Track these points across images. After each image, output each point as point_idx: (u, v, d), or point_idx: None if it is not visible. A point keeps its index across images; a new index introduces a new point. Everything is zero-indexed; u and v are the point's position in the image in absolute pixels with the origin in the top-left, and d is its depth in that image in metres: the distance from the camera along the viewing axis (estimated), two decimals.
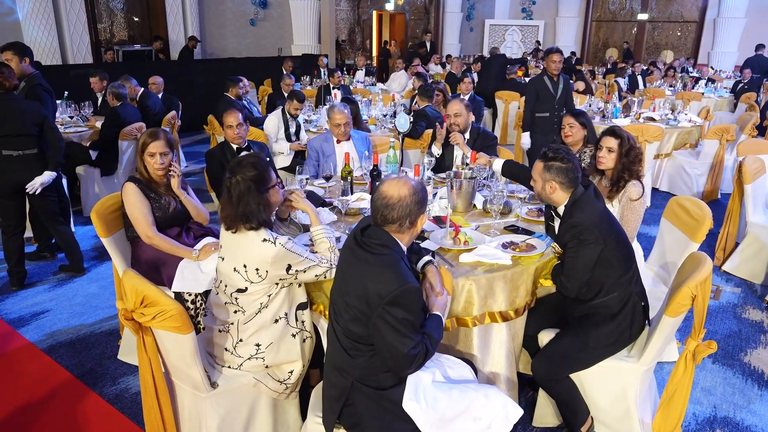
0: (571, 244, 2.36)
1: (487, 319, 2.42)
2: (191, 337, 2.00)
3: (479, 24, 18.96)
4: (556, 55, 5.40)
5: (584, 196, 2.40)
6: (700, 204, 3.00)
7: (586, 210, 2.35)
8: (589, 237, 2.30)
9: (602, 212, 2.38)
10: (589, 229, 2.30)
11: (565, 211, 2.45)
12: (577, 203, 2.39)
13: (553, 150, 2.44)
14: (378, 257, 1.82)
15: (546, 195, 2.48)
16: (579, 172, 2.43)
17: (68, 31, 9.36)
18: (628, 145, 2.95)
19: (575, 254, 2.34)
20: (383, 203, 1.85)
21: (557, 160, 2.39)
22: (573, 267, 2.36)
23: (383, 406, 1.85)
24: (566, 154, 2.41)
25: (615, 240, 2.35)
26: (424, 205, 1.91)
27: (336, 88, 7.55)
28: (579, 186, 2.42)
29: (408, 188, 1.86)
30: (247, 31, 12.87)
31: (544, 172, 2.43)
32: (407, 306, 1.76)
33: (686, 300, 2.16)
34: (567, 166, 2.39)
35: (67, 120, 5.84)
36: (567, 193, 2.43)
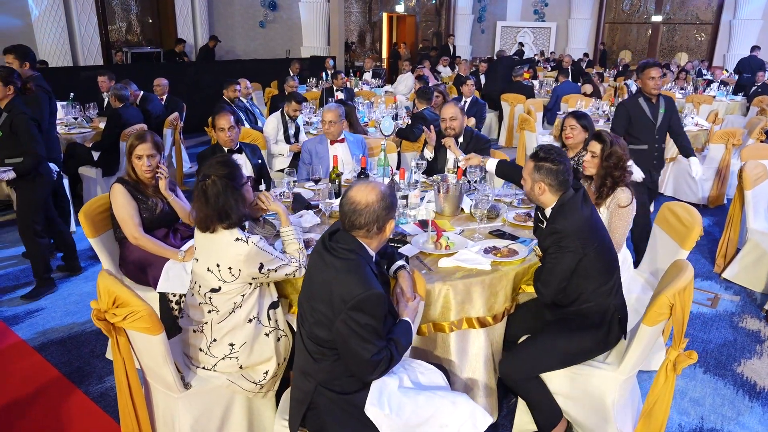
0: (551, 250, 2.32)
1: (464, 325, 2.41)
2: (161, 338, 2.01)
3: (491, 26, 18.89)
4: (653, 70, 4.10)
5: (571, 201, 2.33)
6: (691, 210, 2.95)
7: (570, 216, 2.29)
8: (569, 245, 2.25)
9: (587, 219, 2.33)
10: (569, 237, 2.25)
11: (551, 214, 2.40)
12: (563, 208, 2.33)
13: (545, 150, 2.38)
14: (344, 262, 1.81)
15: (535, 196, 2.42)
16: (570, 175, 2.37)
17: (79, 33, 9.49)
18: (609, 150, 2.91)
19: (554, 261, 2.30)
20: (351, 209, 1.85)
21: (548, 160, 2.33)
22: (550, 273, 2.32)
23: (346, 410, 1.85)
24: (558, 156, 2.34)
25: (596, 250, 2.29)
26: (393, 210, 1.90)
27: (339, 91, 7.58)
28: (569, 189, 2.37)
29: (376, 194, 1.85)
30: (256, 33, 12.95)
31: (534, 172, 2.37)
32: (370, 311, 1.75)
33: (663, 309, 2.12)
34: (557, 167, 2.32)
35: (71, 121, 5.92)
36: (555, 196, 2.37)
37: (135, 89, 6.13)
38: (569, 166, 2.38)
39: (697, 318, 3.75)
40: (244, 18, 12.79)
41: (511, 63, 9.25)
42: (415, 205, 3.21)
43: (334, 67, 10.44)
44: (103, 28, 10.01)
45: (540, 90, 9.71)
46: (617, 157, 2.88)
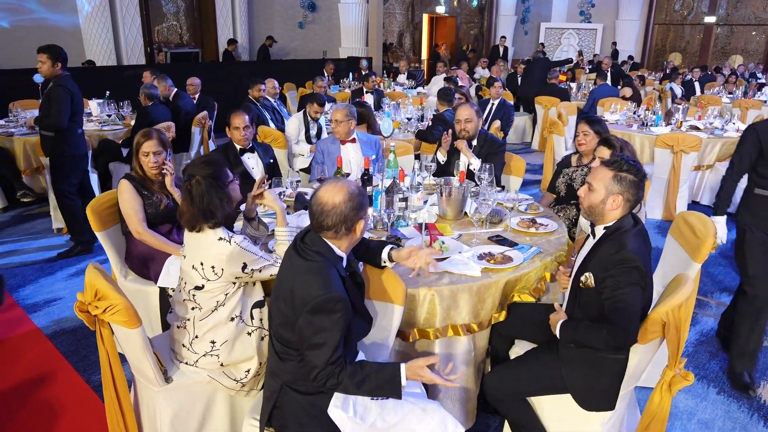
0: (618, 281, 1.96)
1: (449, 332, 2.35)
2: (139, 332, 2.05)
3: (534, 27, 18.54)
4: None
5: (636, 228, 2.07)
6: (705, 220, 2.79)
7: (644, 243, 2.04)
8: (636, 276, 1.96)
9: (649, 255, 2.08)
10: (639, 267, 1.96)
11: (606, 233, 2.11)
12: (624, 234, 2.04)
13: (627, 158, 2.09)
14: (308, 263, 1.80)
15: (601, 209, 2.11)
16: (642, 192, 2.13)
17: (123, 34, 9.86)
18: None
19: (625, 295, 1.94)
20: (318, 210, 1.83)
21: (632, 172, 2.04)
22: (625, 313, 1.94)
23: (309, 412, 1.83)
24: (640, 167, 2.09)
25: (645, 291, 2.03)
26: (362, 210, 1.86)
27: (369, 92, 7.58)
28: (628, 216, 2.12)
29: (343, 194, 1.83)
30: (295, 33, 13.13)
31: (613, 183, 2.06)
32: (329, 316, 1.72)
33: (655, 327, 2.01)
34: (642, 182, 2.07)
35: (104, 118, 6.15)
36: (621, 214, 2.10)
37: (170, 84, 6.30)
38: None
39: None
40: (284, 19, 12.99)
41: (548, 65, 9.02)
42: (418, 208, 3.17)
43: (369, 68, 10.45)
44: (146, 29, 10.36)
45: (577, 93, 9.44)
46: None
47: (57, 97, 4.09)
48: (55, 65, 4.23)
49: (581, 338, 2.07)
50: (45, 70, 4.16)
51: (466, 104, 3.98)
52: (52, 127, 4.21)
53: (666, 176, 5.53)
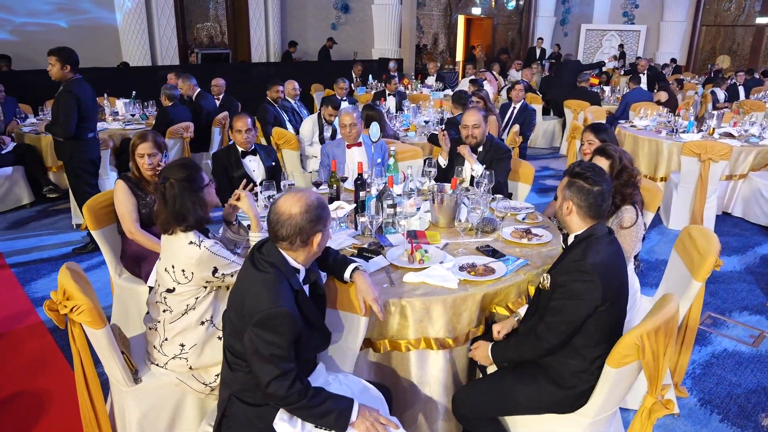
0: (565, 289, 1.97)
1: (422, 345, 2.28)
2: (103, 332, 2.06)
3: (574, 28, 18.06)
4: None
5: (606, 239, 2.03)
6: (708, 235, 2.62)
7: (602, 253, 1.97)
8: (589, 288, 1.92)
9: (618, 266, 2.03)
10: (593, 279, 1.92)
11: (575, 242, 2.09)
12: (591, 241, 2.02)
13: (583, 166, 2.10)
14: (260, 275, 1.77)
15: (561, 215, 2.14)
16: (605, 202, 2.07)
17: (158, 35, 10.13)
18: (620, 166, 2.65)
19: (567, 302, 1.96)
20: (274, 219, 1.80)
21: (582, 178, 2.05)
22: (559, 316, 1.97)
23: (255, 424, 1.80)
24: (596, 176, 2.05)
25: (612, 306, 1.98)
26: (320, 223, 1.81)
27: (391, 94, 7.53)
28: (602, 224, 2.08)
29: (301, 205, 1.79)
30: (328, 34, 13.19)
31: (565, 189, 2.10)
32: (273, 329, 1.69)
33: (629, 350, 1.88)
34: (591, 188, 2.03)
35: (128, 117, 6.32)
36: (584, 222, 2.08)
37: (194, 84, 6.42)
38: (607, 192, 2.07)
39: (732, 357, 3.34)
40: (317, 20, 13.08)
41: (578, 68, 8.75)
42: (410, 214, 3.10)
43: (397, 69, 10.40)
44: (180, 31, 10.61)
45: (611, 96, 9.13)
46: (628, 173, 2.63)
47: (63, 103, 4.17)
48: (65, 68, 4.26)
49: (514, 353, 2.11)
50: (55, 73, 4.23)
51: (473, 109, 3.88)
52: (59, 134, 4.29)
53: (693, 186, 5.27)
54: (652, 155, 5.99)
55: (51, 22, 9.87)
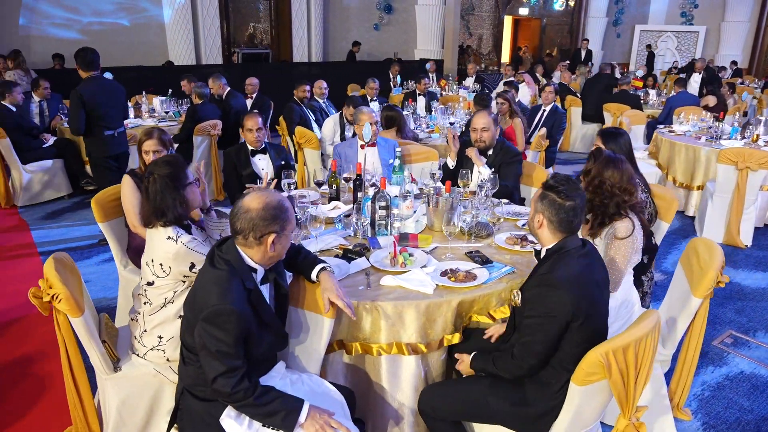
0: (534, 306, 1.90)
1: (394, 349, 2.25)
2: (80, 320, 2.14)
3: (628, 29, 17.42)
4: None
5: (577, 252, 1.95)
6: (712, 248, 2.47)
7: (571, 267, 1.90)
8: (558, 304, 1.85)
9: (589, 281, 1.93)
10: (562, 294, 1.85)
11: (545, 256, 2.03)
12: (561, 255, 1.95)
13: (557, 179, 2.02)
14: (214, 271, 1.80)
15: (533, 228, 2.08)
16: (577, 218, 1.99)
17: (203, 35, 10.45)
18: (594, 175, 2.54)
19: (537, 320, 1.89)
20: (234, 211, 1.84)
21: (554, 191, 1.97)
22: (532, 335, 1.90)
23: (204, 419, 1.82)
24: (569, 190, 1.96)
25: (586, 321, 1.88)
26: (275, 224, 1.81)
27: (421, 95, 7.49)
28: (575, 237, 2.01)
29: (259, 202, 1.81)
30: (370, 35, 13.26)
31: (537, 201, 2.03)
32: (220, 326, 1.70)
33: (594, 368, 1.79)
34: (562, 202, 1.95)
35: (162, 114, 6.55)
36: (554, 236, 2.01)
37: (224, 83, 6.59)
38: (580, 207, 1.99)
39: (748, 380, 3.13)
40: (360, 20, 13.16)
41: (612, 82, 8.42)
42: (406, 217, 3.07)
43: (435, 69, 10.32)
44: (224, 31, 10.91)
45: (656, 100, 8.75)
46: (610, 185, 2.48)
47: (71, 102, 4.37)
48: (80, 68, 4.43)
49: (491, 367, 2.04)
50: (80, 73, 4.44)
51: (482, 112, 3.80)
52: (72, 132, 4.47)
53: (729, 196, 4.97)
54: (689, 162, 5.70)
55: (114, 21, 10.38)
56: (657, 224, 3.39)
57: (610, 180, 2.49)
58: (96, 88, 4.46)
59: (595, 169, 2.53)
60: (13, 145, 5.54)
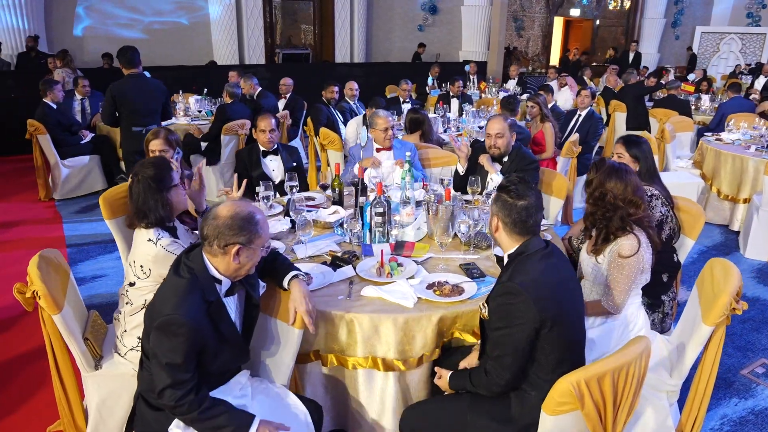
0: (499, 317, 1.81)
1: (369, 364, 2.15)
2: (58, 317, 2.15)
3: (688, 31, 16.55)
4: None
5: (535, 255, 1.85)
6: (729, 270, 2.24)
7: (531, 272, 1.81)
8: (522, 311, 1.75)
9: (553, 284, 1.83)
10: (524, 301, 1.75)
11: (506, 263, 1.95)
12: (521, 260, 1.86)
13: (511, 180, 1.96)
14: (175, 279, 1.78)
15: (491, 232, 2.02)
16: (532, 218, 1.89)
17: (246, 35, 10.64)
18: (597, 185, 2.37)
19: (502, 330, 1.79)
20: (204, 217, 1.81)
21: (506, 191, 1.91)
22: (501, 347, 1.81)
23: (153, 426, 1.79)
24: (521, 189, 1.89)
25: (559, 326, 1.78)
26: (241, 235, 1.76)
27: (455, 97, 7.33)
28: (536, 239, 1.91)
29: (230, 211, 1.77)
30: (414, 36, 13.14)
31: (493, 203, 1.98)
32: (170, 337, 1.67)
33: (565, 397, 1.65)
34: (514, 202, 1.88)
35: (195, 113, 6.68)
36: (513, 240, 1.92)
37: (255, 83, 6.65)
38: (534, 206, 1.90)
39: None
40: (404, 21, 13.07)
41: (640, 92, 7.99)
42: (406, 224, 2.97)
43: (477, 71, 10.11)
44: (267, 31, 11.08)
45: (708, 106, 8.24)
46: (613, 196, 2.30)
47: (105, 97, 4.58)
48: (123, 66, 4.64)
49: (469, 385, 1.94)
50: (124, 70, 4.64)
51: (498, 117, 3.63)
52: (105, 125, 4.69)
53: None
54: (736, 173, 5.31)
55: (174, 20, 10.74)
56: (681, 240, 3.15)
57: (613, 191, 2.31)
58: (129, 85, 4.62)
59: (597, 179, 2.36)
60: (53, 141, 5.77)
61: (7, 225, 5.32)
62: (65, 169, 5.94)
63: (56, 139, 5.82)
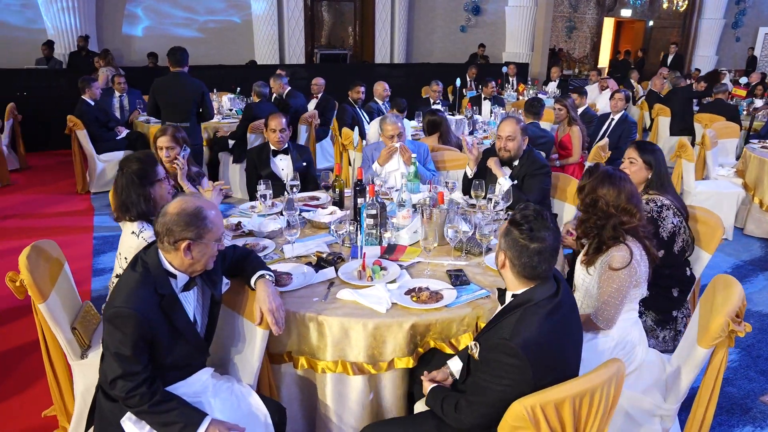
0: (488, 368, 1.67)
1: (339, 368, 2.12)
2: (44, 306, 2.22)
3: (749, 32, 15.67)
4: None
5: (545, 307, 1.66)
6: (730, 288, 2.08)
7: (531, 329, 1.62)
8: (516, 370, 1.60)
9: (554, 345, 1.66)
10: (520, 361, 1.59)
11: (510, 305, 1.75)
12: (530, 310, 1.67)
13: (526, 213, 1.72)
14: (129, 273, 1.80)
15: (498, 266, 1.83)
16: (544, 264, 1.69)
17: (287, 35, 10.80)
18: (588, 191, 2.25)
19: (489, 380, 1.66)
20: (158, 213, 1.81)
21: (518, 228, 1.70)
22: (481, 395, 1.68)
23: (107, 417, 1.81)
24: (537, 228, 1.67)
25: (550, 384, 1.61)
26: (189, 231, 1.75)
27: (487, 99, 7.19)
28: (546, 285, 1.71)
29: (177, 207, 1.77)
30: (456, 37, 13.00)
31: (501, 236, 1.77)
32: (120, 329, 1.68)
33: (519, 422, 1.55)
34: (527, 244, 1.67)
35: (226, 112, 6.82)
36: (519, 282, 1.74)
37: (284, 83, 6.73)
38: (549, 250, 1.68)
39: None
40: (446, 22, 12.95)
41: (690, 96, 7.57)
42: (402, 227, 2.91)
43: (516, 73, 9.89)
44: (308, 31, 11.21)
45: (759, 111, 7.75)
46: (605, 203, 2.17)
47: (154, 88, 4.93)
48: (171, 64, 4.93)
49: (438, 409, 1.82)
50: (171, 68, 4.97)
51: (510, 119, 3.52)
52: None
53: None
54: None
55: (227, 19, 11.06)
56: (697, 253, 2.96)
57: (605, 198, 2.18)
58: (167, 82, 4.93)
59: (589, 185, 2.24)
60: (90, 136, 6.03)
61: (44, 215, 5.59)
62: (101, 164, 6.18)
63: (93, 135, 6.07)
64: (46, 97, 8.00)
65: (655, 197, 2.75)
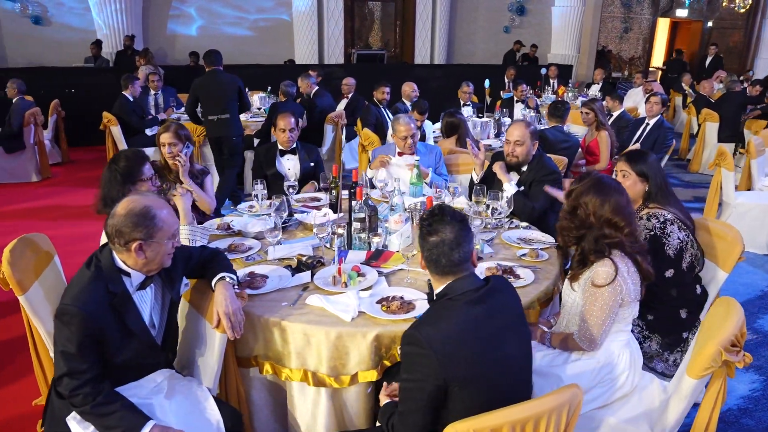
0: (405, 362, 1.63)
1: (300, 377, 2.06)
2: (23, 298, 2.24)
3: None
4: None
5: (462, 299, 1.62)
6: (728, 313, 1.90)
7: (438, 323, 1.58)
8: (425, 366, 1.55)
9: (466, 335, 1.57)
10: (426, 355, 1.53)
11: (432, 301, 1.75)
12: (446, 303, 1.64)
13: (431, 211, 1.73)
14: (83, 271, 1.80)
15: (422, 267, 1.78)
16: (445, 257, 1.65)
17: (327, 35, 10.85)
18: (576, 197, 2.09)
19: (406, 384, 1.61)
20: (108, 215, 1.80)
21: (421, 225, 1.71)
22: (407, 406, 1.61)
23: (56, 415, 1.81)
24: (436, 222, 1.67)
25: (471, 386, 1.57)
26: (138, 231, 1.73)
27: (519, 101, 6.98)
28: (466, 279, 1.66)
29: (124, 208, 1.76)
30: (499, 37, 12.73)
31: (419, 238, 1.76)
32: (66, 326, 1.68)
33: None
34: (427, 239, 1.67)
35: (255, 110, 6.90)
36: (438, 281, 1.71)
37: (312, 82, 6.74)
38: (449, 243, 1.64)
39: None
40: (489, 23, 12.70)
41: (743, 101, 7.08)
42: (393, 231, 2.83)
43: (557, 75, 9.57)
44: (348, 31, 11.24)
45: None
46: (585, 212, 2.02)
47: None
48: (206, 65, 5.34)
49: (384, 426, 1.74)
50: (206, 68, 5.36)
51: (519, 122, 3.37)
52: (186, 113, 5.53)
53: None
54: None
55: (277, 17, 11.26)
56: (713, 272, 2.73)
57: (587, 206, 2.03)
58: (206, 79, 5.33)
59: (576, 191, 2.09)
60: (127, 130, 6.24)
61: (75, 207, 5.82)
62: None
63: (128, 130, 6.27)
64: (91, 95, 8.34)
65: (656, 211, 2.53)
